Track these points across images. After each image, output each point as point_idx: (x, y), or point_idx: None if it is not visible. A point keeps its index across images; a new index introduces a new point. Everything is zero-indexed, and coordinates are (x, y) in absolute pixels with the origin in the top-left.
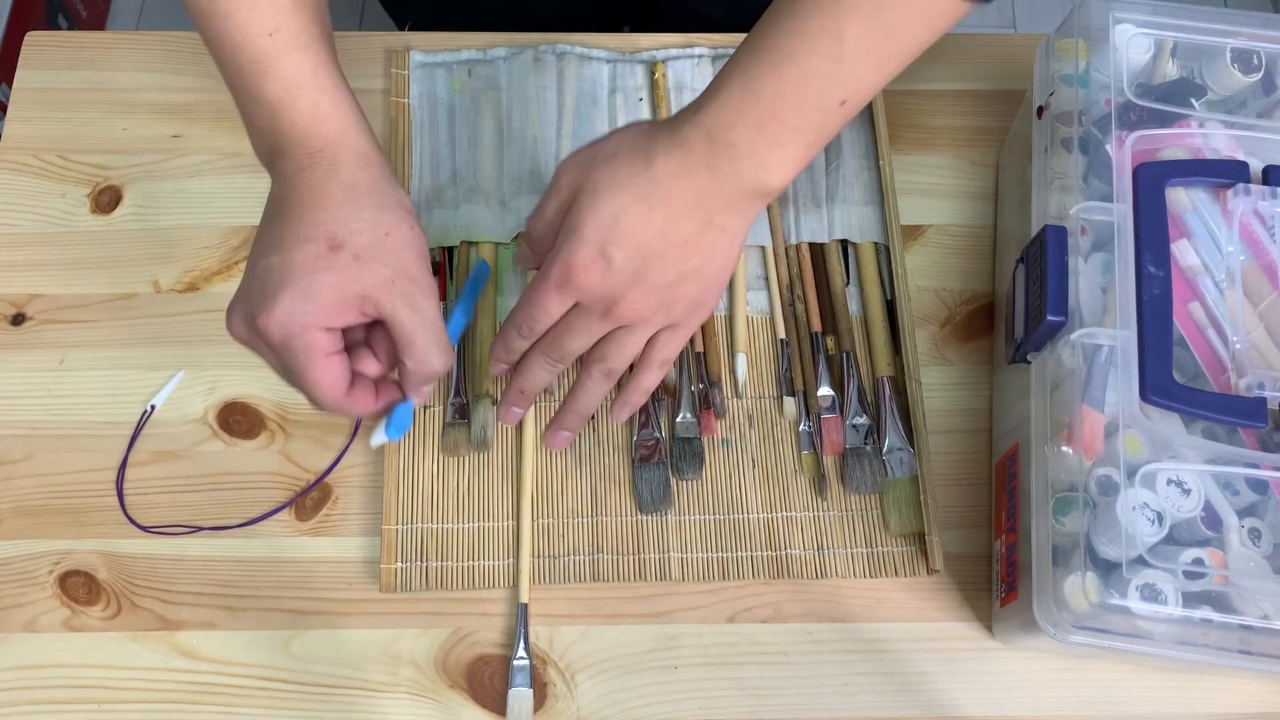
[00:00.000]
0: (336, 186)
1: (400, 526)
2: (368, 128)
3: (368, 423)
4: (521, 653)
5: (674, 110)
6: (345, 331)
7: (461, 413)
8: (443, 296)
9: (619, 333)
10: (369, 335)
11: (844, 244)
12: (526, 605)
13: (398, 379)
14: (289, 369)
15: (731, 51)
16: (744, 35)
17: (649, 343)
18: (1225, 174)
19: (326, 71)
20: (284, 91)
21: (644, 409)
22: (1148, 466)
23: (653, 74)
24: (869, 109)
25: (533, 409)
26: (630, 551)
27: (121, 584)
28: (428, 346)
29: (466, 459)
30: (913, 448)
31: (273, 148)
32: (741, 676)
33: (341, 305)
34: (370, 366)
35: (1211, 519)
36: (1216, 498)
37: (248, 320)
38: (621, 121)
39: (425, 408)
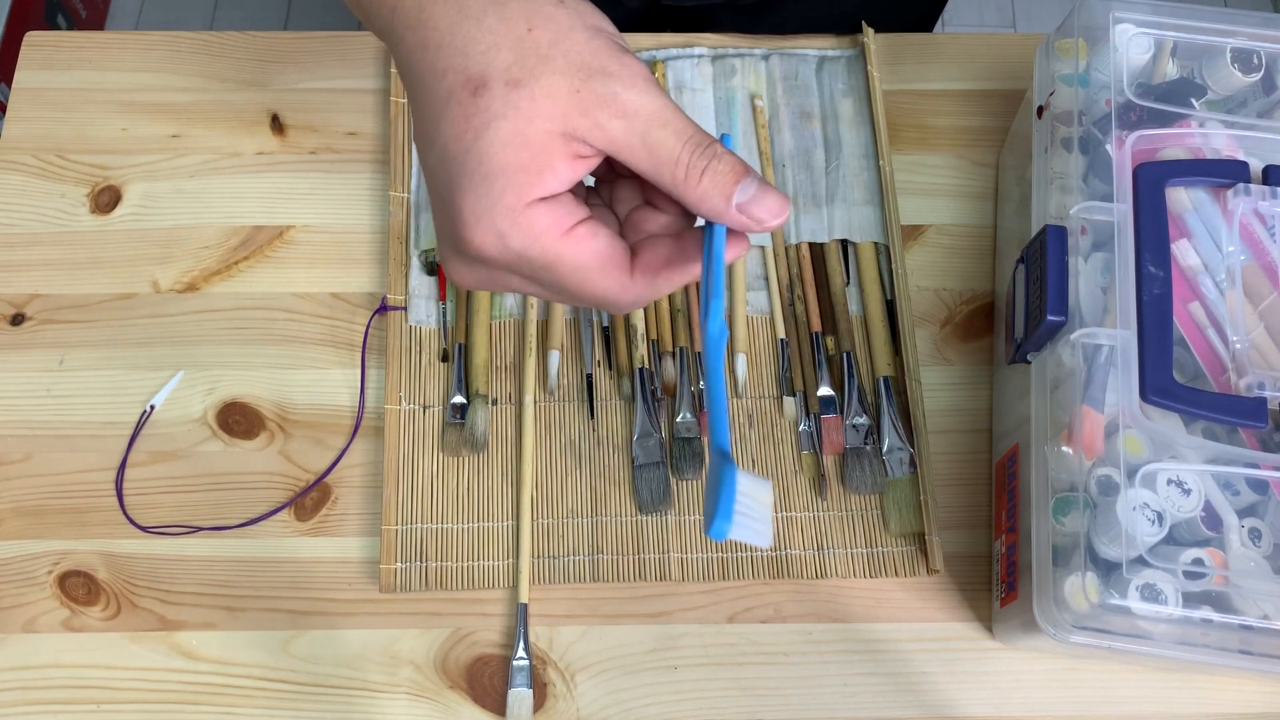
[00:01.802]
0: (438, 8)
1: (400, 527)
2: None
3: (367, 423)
4: (521, 653)
5: None
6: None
7: (461, 413)
8: (442, 297)
9: None
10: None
11: (844, 244)
12: (526, 605)
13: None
14: (546, 284)
15: (732, 51)
16: (744, 35)
17: None
18: (1225, 174)
19: None
20: None
21: (643, 409)
22: (1148, 466)
23: (653, 74)
24: (869, 109)
25: (532, 409)
26: (630, 551)
27: (121, 584)
28: (675, 148)
29: (466, 459)
30: (913, 448)
31: (386, 25)
32: (741, 677)
33: (538, 160)
34: (654, 220)
35: (1212, 519)
36: (1217, 498)
37: (458, 252)
38: None
39: (425, 408)
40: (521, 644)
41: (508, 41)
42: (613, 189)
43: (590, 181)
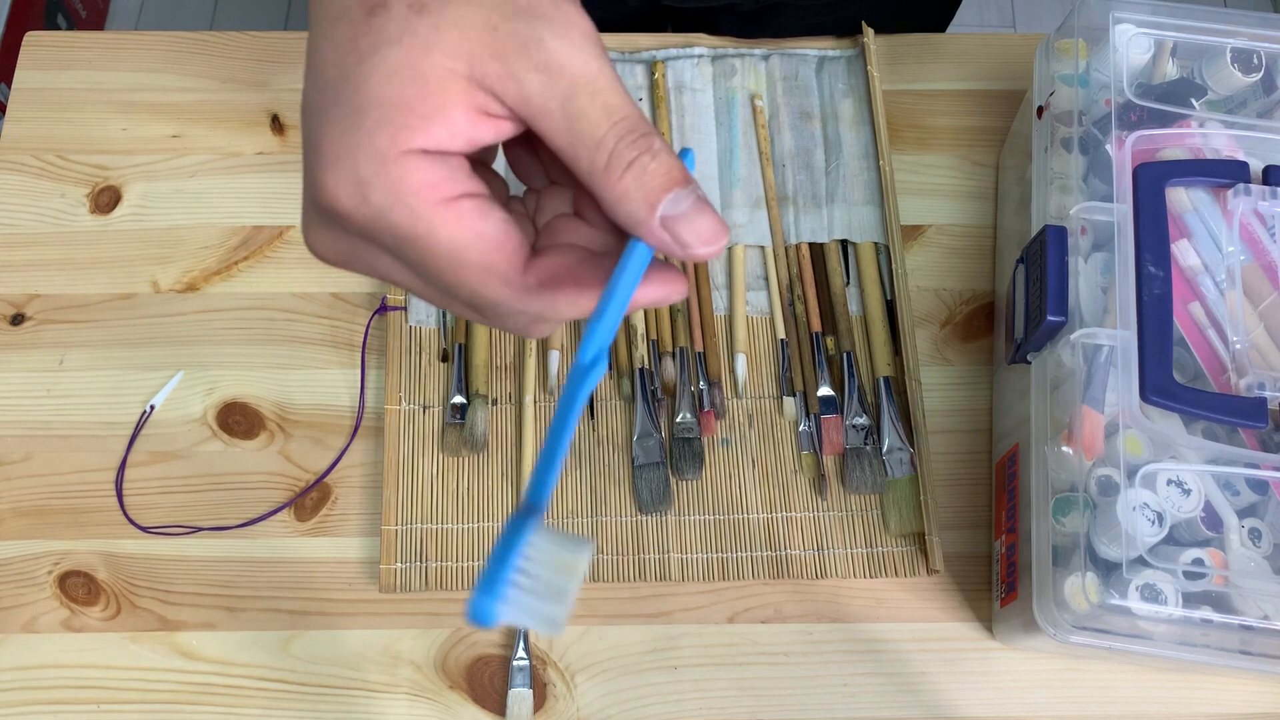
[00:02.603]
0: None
1: (400, 527)
2: None
3: (367, 423)
4: (521, 653)
5: (673, 110)
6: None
7: (461, 413)
8: None
9: None
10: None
11: (844, 244)
12: None
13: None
14: (415, 268)
15: (732, 52)
16: (745, 36)
17: None
18: (1225, 174)
19: None
20: None
21: (643, 409)
22: (1148, 467)
23: (653, 73)
24: (869, 109)
25: (532, 409)
26: (630, 551)
27: (121, 584)
28: (601, 126)
29: (466, 459)
30: (913, 448)
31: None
32: (742, 677)
33: (427, 100)
34: (576, 231)
35: (1212, 519)
36: (1217, 498)
37: (316, 208)
38: None
39: (425, 408)
40: (521, 644)
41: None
42: (539, 199)
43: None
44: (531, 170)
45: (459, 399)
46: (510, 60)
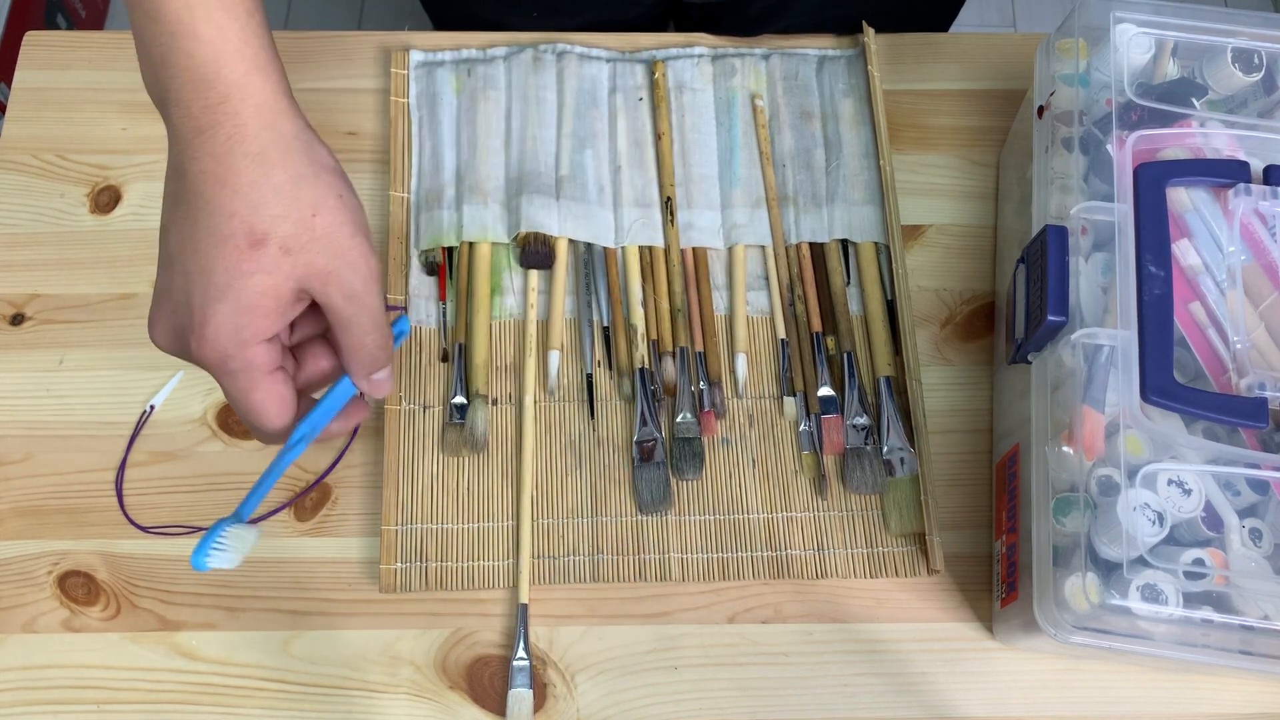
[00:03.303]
0: (244, 160)
1: (400, 527)
2: (279, 66)
3: (367, 423)
4: (521, 653)
5: (673, 109)
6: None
7: (461, 413)
8: (442, 297)
9: None
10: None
11: (844, 244)
12: (526, 606)
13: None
14: (228, 392)
15: (732, 51)
16: (745, 36)
17: None
18: (1226, 174)
19: (254, 6)
20: (186, 10)
21: (644, 409)
22: (1148, 467)
23: (653, 73)
24: (869, 109)
25: (532, 409)
26: (630, 552)
27: (121, 584)
28: (364, 332)
29: (466, 459)
30: (913, 448)
31: (165, 89)
32: (742, 677)
33: (277, 309)
34: (322, 362)
35: (1212, 519)
36: (1217, 498)
37: (177, 335)
38: (621, 121)
39: (425, 408)
40: (521, 644)
41: (294, 217)
42: (296, 324)
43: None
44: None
45: (460, 399)
46: (329, 288)
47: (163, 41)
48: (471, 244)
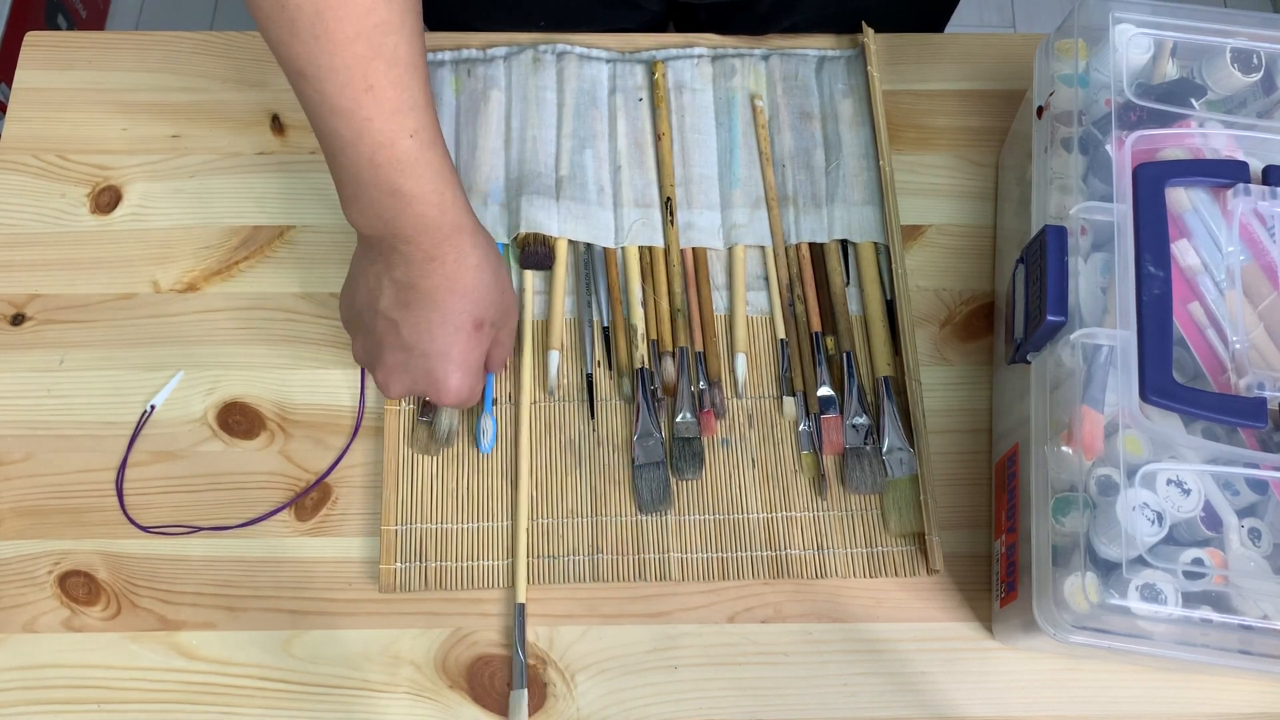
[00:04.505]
0: (469, 274)
1: (399, 527)
2: (466, 198)
3: (367, 423)
4: (521, 653)
5: (673, 110)
6: None
7: (427, 410)
8: None
9: None
10: None
11: (844, 244)
12: (525, 605)
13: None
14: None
15: (732, 52)
16: (745, 36)
17: None
18: (1225, 174)
19: (449, 162)
20: (418, 188)
21: (643, 409)
22: (1148, 466)
23: (653, 74)
24: (869, 109)
25: (529, 410)
26: (630, 551)
27: (121, 584)
28: (505, 350)
29: (466, 459)
30: (913, 448)
31: (395, 233)
32: (741, 676)
33: (484, 362)
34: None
35: (1211, 519)
36: (1216, 498)
37: (412, 388)
38: (621, 121)
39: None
40: (521, 644)
41: (495, 302)
42: None
43: None
44: None
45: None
46: (501, 334)
47: (396, 206)
48: None
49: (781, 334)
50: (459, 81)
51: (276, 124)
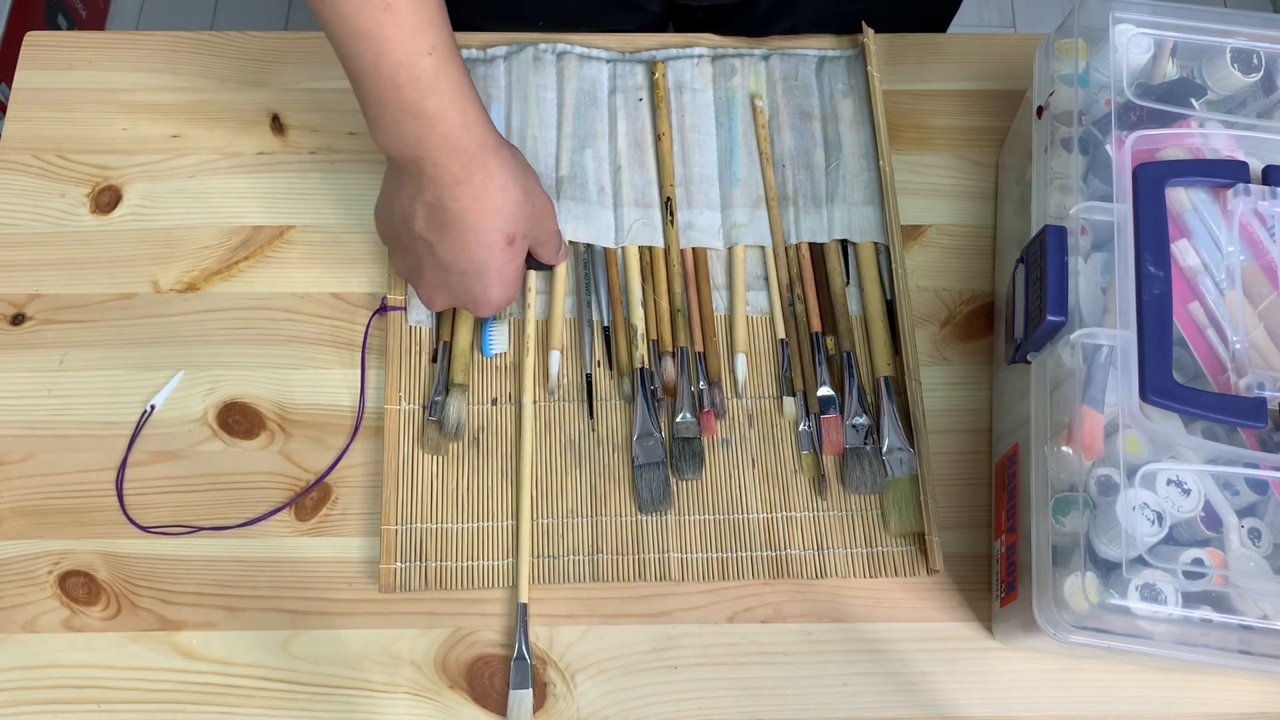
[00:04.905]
0: (495, 193)
1: (399, 526)
2: (487, 114)
3: (367, 423)
4: (521, 653)
5: (673, 109)
6: None
7: (435, 410)
8: None
9: None
10: None
11: (844, 244)
12: (526, 605)
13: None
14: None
15: (732, 52)
16: (753, 35)
17: None
18: (1225, 174)
19: (468, 78)
20: (440, 106)
21: (643, 409)
22: (1148, 466)
23: (653, 73)
24: (869, 109)
25: (532, 408)
26: (630, 551)
27: (121, 584)
28: (552, 250)
29: (466, 459)
30: (912, 448)
31: (421, 156)
32: (741, 676)
33: (521, 271)
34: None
35: (1211, 519)
36: (1216, 498)
37: (453, 303)
38: (621, 121)
39: (425, 408)
40: (522, 644)
41: (525, 215)
42: None
43: None
44: None
45: (440, 396)
46: (539, 238)
47: (421, 127)
48: None
49: (781, 334)
50: None
51: (276, 124)
